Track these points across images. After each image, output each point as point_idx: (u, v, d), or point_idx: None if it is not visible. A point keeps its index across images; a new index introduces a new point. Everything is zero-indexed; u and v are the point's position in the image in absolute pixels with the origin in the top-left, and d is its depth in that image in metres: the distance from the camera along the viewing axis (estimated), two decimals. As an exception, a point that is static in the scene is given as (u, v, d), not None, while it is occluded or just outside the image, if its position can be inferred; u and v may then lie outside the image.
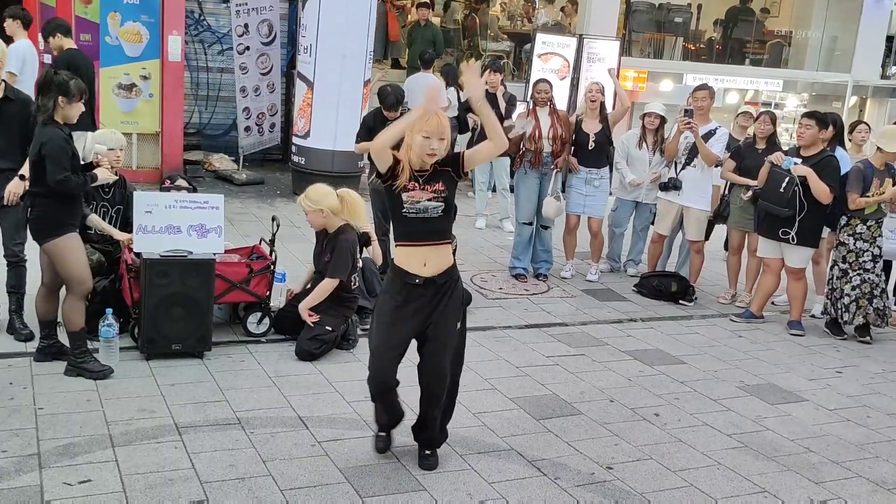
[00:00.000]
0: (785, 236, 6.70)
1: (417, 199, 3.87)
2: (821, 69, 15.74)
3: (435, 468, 4.17)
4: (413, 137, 3.86)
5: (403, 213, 3.89)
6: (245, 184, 10.64)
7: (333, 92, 9.66)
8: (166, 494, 3.73)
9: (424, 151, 3.85)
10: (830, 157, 6.63)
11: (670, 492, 4.17)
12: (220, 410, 4.60)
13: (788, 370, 6.09)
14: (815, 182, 6.49)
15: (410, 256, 3.93)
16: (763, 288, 7.08)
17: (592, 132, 7.62)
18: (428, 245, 3.93)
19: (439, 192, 3.90)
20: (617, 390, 5.43)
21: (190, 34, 11.10)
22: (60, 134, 4.66)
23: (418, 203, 3.87)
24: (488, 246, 8.93)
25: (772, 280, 6.99)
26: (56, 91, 4.65)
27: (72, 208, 4.82)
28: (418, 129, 3.84)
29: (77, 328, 4.84)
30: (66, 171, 4.64)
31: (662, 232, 7.79)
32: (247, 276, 5.60)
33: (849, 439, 4.99)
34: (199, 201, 5.46)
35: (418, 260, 3.92)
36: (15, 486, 3.70)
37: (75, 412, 4.44)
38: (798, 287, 6.90)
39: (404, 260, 3.94)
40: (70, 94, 4.67)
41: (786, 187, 6.56)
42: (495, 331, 6.38)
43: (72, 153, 4.70)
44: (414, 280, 3.91)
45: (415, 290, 3.92)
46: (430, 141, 3.83)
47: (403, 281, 3.93)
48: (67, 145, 4.67)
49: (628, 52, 14.07)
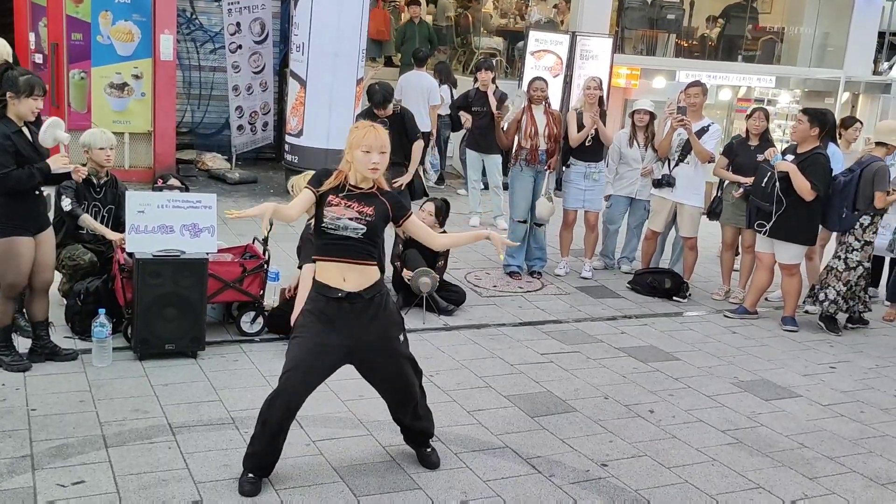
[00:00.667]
0: (759, 229, 6.78)
1: (338, 216, 3.72)
2: (813, 65, 15.75)
3: (439, 465, 4.17)
4: (353, 154, 3.74)
5: (322, 227, 3.75)
6: (238, 183, 10.61)
7: (326, 90, 9.64)
8: (160, 495, 3.72)
9: (366, 167, 3.72)
10: (818, 154, 6.60)
11: (665, 488, 4.18)
12: (214, 410, 4.59)
13: (782, 366, 6.10)
14: (796, 178, 6.50)
15: (328, 271, 3.77)
16: (756, 284, 7.10)
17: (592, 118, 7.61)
18: (347, 262, 3.76)
19: (365, 214, 3.75)
20: (611, 387, 5.43)
21: (182, 33, 11.06)
22: (1, 131, 4.58)
23: (338, 220, 3.72)
24: (482, 243, 8.91)
25: (765, 276, 7.00)
26: (5, 87, 4.59)
27: (20, 209, 4.70)
28: (356, 145, 3.73)
29: (1, 326, 4.84)
30: (4, 167, 4.54)
31: (656, 228, 7.80)
32: (240, 275, 5.59)
33: (843, 434, 5.01)
34: (192, 200, 5.44)
35: (337, 275, 3.76)
36: (8, 487, 3.69)
37: (68, 413, 4.42)
38: (791, 283, 6.91)
39: (324, 275, 3.79)
40: (18, 90, 4.59)
41: (766, 182, 6.63)
42: (489, 328, 6.38)
43: (15, 149, 4.58)
44: (336, 294, 3.75)
45: (340, 306, 3.76)
46: (370, 155, 3.72)
47: (326, 297, 3.77)
48: (7, 141, 4.56)
49: (621, 49, 14.05)
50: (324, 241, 3.79)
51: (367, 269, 3.81)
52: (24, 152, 4.64)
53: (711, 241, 8.43)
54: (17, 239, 4.71)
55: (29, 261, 4.79)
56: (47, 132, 4.67)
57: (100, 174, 5.80)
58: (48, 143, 4.72)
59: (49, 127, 4.69)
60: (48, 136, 4.68)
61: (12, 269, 4.73)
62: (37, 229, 4.84)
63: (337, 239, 3.74)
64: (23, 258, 4.75)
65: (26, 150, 4.66)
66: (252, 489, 3.79)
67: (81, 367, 5.01)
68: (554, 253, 8.16)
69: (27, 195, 4.72)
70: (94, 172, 5.77)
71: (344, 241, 3.74)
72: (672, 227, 7.88)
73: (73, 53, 9.68)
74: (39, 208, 4.87)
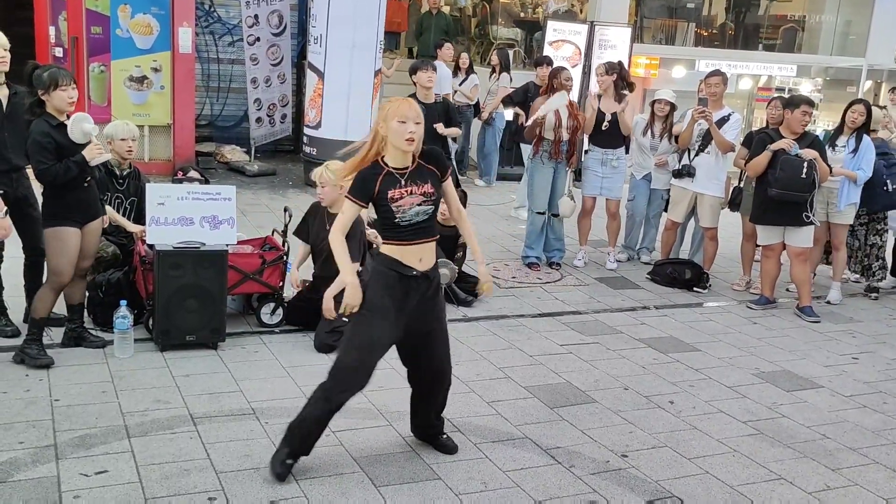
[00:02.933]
0: (808, 220, 6.68)
1: (407, 207, 3.70)
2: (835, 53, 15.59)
3: (457, 449, 4.21)
4: (388, 126, 3.67)
5: (395, 222, 3.73)
6: (257, 175, 10.65)
7: (344, 82, 9.65)
8: (182, 485, 3.75)
9: (402, 137, 3.65)
10: (818, 138, 6.86)
11: (686, 479, 4.16)
12: (235, 401, 4.61)
13: (804, 357, 6.05)
14: (822, 164, 6.59)
15: (404, 253, 3.77)
16: (769, 273, 7.06)
17: (609, 112, 7.58)
18: (423, 243, 3.79)
19: (428, 194, 3.74)
20: (631, 378, 5.41)
21: (200, 26, 11.10)
22: (40, 128, 4.64)
23: (408, 210, 3.70)
24: (501, 235, 8.91)
25: (775, 264, 7.00)
26: (35, 86, 4.66)
27: (70, 201, 4.78)
28: (392, 115, 3.66)
29: (38, 316, 4.88)
30: (44, 162, 4.62)
31: (676, 219, 7.75)
32: (260, 266, 5.61)
33: (865, 426, 4.96)
34: (212, 193, 5.47)
35: (413, 256, 3.77)
36: (33, 477, 3.73)
37: (91, 403, 4.46)
38: (804, 270, 6.89)
39: (398, 253, 3.77)
40: (45, 85, 4.64)
41: (807, 172, 6.50)
42: (508, 320, 6.37)
43: (56, 144, 4.65)
44: (411, 272, 3.77)
45: (411, 285, 3.79)
46: (406, 125, 3.65)
47: (400, 273, 3.76)
48: (46, 138, 4.63)
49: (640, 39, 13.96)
50: (398, 231, 3.75)
51: (433, 247, 3.85)
52: (65, 145, 4.71)
53: (732, 231, 8.36)
54: (63, 229, 4.79)
55: (75, 251, 4.86)
56: (74, 127, 4.73)
57: (122, 166, 5.84)
58: (78, 139, 4.77)
59: (75, 122, 4.73)
60: (76, 131, 4.74)
61: (58, 259, 4.80)
62: (85, 220, 4.91)
63: (410, 226, 3.74)
64: (69, 248, 4.82)
65: (68, 144, 4.72)
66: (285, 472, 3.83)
67: (104, 358, 5.05)
68: (572, 244, 8.13)
69: (75, 187, 4.79)
70: (116, 164, 5.81)
71: (417, 226, 3.75)
72: (692, 217, 7.83)
73: (93, 47, 9.75)
74: (89, 199, 4.94)
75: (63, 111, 4.75)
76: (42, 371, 4.80)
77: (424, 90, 7.06)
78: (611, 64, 7.81)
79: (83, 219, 4.90)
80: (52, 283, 4.87)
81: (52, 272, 4.86)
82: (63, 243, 4.80)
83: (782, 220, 6.78)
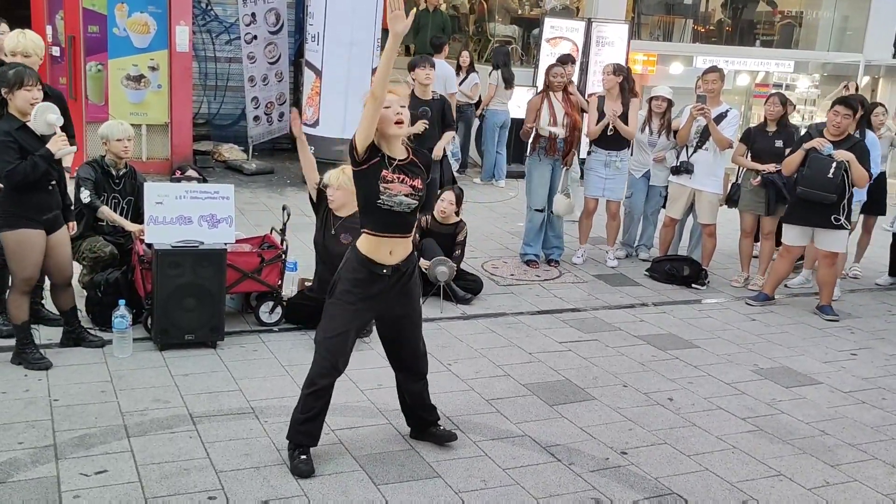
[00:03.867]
0: (837, 223, 6.59)
1: (395, 193, 3.73)
2: (832, 49, 15.60)
3: (454, 437, 4.23)
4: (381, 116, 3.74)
5: (378, 203, 3.73)
6: (255, 173, 10.64)
7: (341, 80, 9.64)
8: (182, 484, 3.75)
9: (391, 120, 3.70)
10: (861, 142, 6.62)
11: (685, 476, 4.16)
12: (234, 400, 4.61)
13: (803, 353, 6.06)
14: (857, 167, 6.45)
15: (379, 246, 3.80)
16: (777, 272, 7.05)
17: (611, 112, 7.56)
18: (395, 238, 3.82)
19: (417, 189, 3.79)
20: (630, 375, 5.42)
21: (197, 24, 11.09)
22: (1, 128, 4.56)
23: (395, 196, 3.72)
24: (499, 233, 8.91)
25: (787, 265, 6.98)
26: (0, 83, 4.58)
27: (28, 202, 4.66)
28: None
29: (18, 321, 4.82)
30: (9, 162, 4.52)
31: (674, 216, 7.75)
32: (258, 265, 5.61)
33: (864, 421, 4.97)
34: (210, 191, 5.46)
35: (385, 249, 3.81)
36: (32, 477, 3.72)
37: (90, 403, 4.46)
38: (832, 273, 6.85)
39: (371, 249, 3.81)
40: (9, 83, 4.56)
41: (835, 172, 6.44)
42: (507, 317, 6.38)
43: (18, 144, 4.54)
44: (381, 270, 3.82)
45: (383, 280, 3.85)
46: (392, 108, 3.70)
47: (370, 270, 3.82)
48: (7, 137, 4.53)
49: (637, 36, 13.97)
50: (377, 216, 3.78)
51: (408, 242, 3.91)
52: (27, 147, 4.59)
53: (729, 227, 8.37)
54: (26, 231, 4.68)
55: (40, 253, 4.75)
56: (38, 118, 4.59)
57: (118, 165, 5.83)
58: (41, 129, 4.62)
59: (39, 112, 4.60)
60: (40, 122, 4.60)
61: (24, 262, 4.70)
62: (49, 225, 4.78)
63: (391, 215, 3.77)
64: (34, 250, 4.72)
65: (30, 144, 4.60)
66: (309, 468, 3.87)
67: (102, 357, 5.05)
68: (571, 241, 8.13)
69: (36, 188, 4.67)
70: (112, 164, 5.80)
71: (397, 217, 3.78)
72: (690, 214, 7.83)
73: (90, 46, 9.72)
74: (51, 202, 4.81)
75: (25, 112, 4.62)
76: (41, 371, 4.79)
77: (422, 87, 7.06)
78: (619, 65, 7.82)
79: (46, 223, 4.76)
80: (20, 287, 4.77)
81: (17, 277, 4.75)
82: (26, 246, 4.68)
83: (810, 221, 6.69)
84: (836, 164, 6.44)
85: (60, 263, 4.93)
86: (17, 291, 4.79)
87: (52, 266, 4.90)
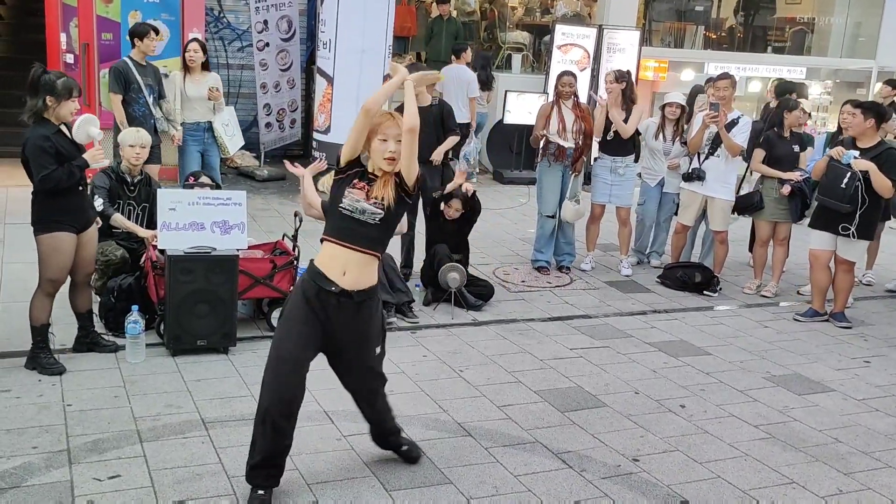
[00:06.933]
0: (845, 232, 6.56)
1: (359, 199, 3.59)
2: (845, 56, 15.53)
3: (420, 456, 4.14)
4: (371, 143, 3.63)
5: (340, 207, 3.61)
6: (266, 180, 10.69)
7: (353, 87, 9.65)
8: (194, 489, 3.76)
9: (382, 156, 3.59)
10: (891, 150, 6.50)
11: (697, 483, 4.15)
12: (246, 405, 4.62)
13: (815, 360, 6.03)
14: (878, 177, 6.37)
15: (333, 258, 3.63)
16: (818, 284, 6.90)
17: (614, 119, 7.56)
18: (351, 250, 3.61)
19: (380, 198, 3.61)
20: (642, 382, 5.40)
21: (210, 31, 11.14)
22: (40, 133, 4.64)
23: (358, 202, 3.59)
24: (510, 239, 8.91)
25: (825, 274, 6.87)
26: (44, 91, 4.65)
27: (63, 205, 4.76)
28: (373, 132, 3.62)
29: (38, 323, 4.87)
30: (45, 168, 4.61)
31: (686, 222, 7.73)
32: (270, 271, 5.63)
33: (878, 429, 4.94)
34: (222, 198, 5.49)
35: (338, 265, 3.61)
36: (46, 481, 3.75)
37: (103, 408, 4.48)
38: (847, 280, 6.81)
39: (325, 261, 3.64)
40: (59, 94, 4.65)
41: (847, 183, 6.40)
42: (518, 324, 6.37)
43: (56, 150, 4.65)
44: (330, 287, 3.60)
45: (329, 300, 3.62)
46: (387, 144, 3.59)
47: (318, 286, 3.62)
48: (47, 142, 4.63)
49: (649, 42, 13.95)
50: (337, 222, 3.66)
51: (369, 265, 3.67)
52: (64, 152, 4.71)
53: (742, 234, 8.34)
54: (59, 235, 4.78)
55: (70, 257, 4.85)
56: (80, 128, 4.77)
57: (133, 173, 5.87)
58: (82, 140, 4.80)
59: (82, 123, 4.78)
60: (81, 133, 4.78)
61: (54, 265, 4.80)
62: (81, 226, 4.90)
63: (352, 222, 3.62)
64: (65, 254, 4.82)
65: (67, 150, 4.73)
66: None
67: (115, 363, 5.08)
68: (582, 247, 8.12)
69: (69, 191, 4.78)
70: (127, 171, 5.84)
71: (356, 224, 3.62)
72: (702, 220, 7.81)
73: (104, 53, 9.77)
74: (83, 204, 4.94)
75: (63, 120, 4.75)
76: (55, 376, 4.82)
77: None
78: (621, 72, 7.80)
79: (78, 224, 4.87)
80: (46, 289, 4.85)
81: (45, 279, 4.83)
82: (58, 250, 4.78)
83: (827, 227, 6.69)
84: (851, 174, 6.40)
85: (85, 259, 5.00)
86: (42, 293, 4.87)
87: (78, 261, 4.96)
